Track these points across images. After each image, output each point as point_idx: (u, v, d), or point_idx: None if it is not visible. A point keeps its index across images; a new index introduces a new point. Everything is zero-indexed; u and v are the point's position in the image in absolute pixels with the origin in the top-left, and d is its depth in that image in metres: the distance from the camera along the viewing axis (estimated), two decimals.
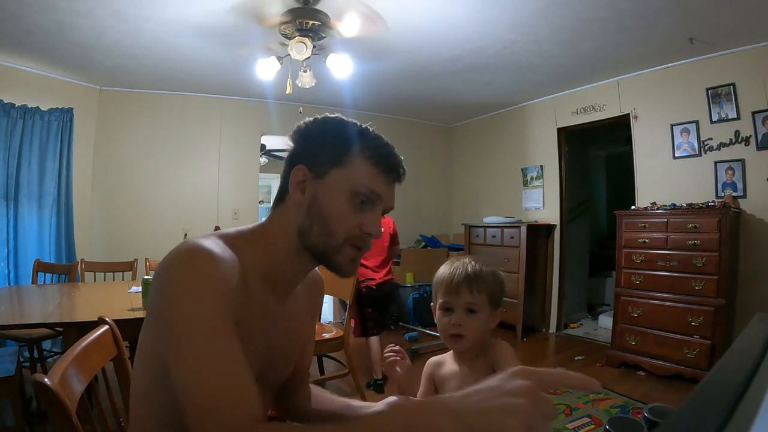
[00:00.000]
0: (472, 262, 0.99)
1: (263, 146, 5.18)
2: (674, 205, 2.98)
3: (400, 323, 4.37)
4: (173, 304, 0.58)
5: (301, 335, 0.86)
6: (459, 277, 0.96)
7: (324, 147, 0.71)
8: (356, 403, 0.89)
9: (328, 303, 4.59)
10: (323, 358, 2.64)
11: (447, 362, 1.04)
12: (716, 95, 3.04)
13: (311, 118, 0.75)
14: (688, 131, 3.21)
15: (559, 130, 4.19)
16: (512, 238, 4.06)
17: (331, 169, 0.70)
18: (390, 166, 0.72)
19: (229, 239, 0.70)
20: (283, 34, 2.53)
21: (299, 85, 2.76)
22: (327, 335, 2.40)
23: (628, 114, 3.57)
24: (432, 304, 1.03)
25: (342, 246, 0.70)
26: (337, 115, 0.75)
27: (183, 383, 0.55)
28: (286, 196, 0.73)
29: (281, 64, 2.71)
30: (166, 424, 0.66)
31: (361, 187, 0.69)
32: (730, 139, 2.98)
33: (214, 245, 0.64)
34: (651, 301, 2.90)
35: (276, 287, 0.74)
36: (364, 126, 0.73)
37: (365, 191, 0.70)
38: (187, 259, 0.61)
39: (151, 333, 0.66)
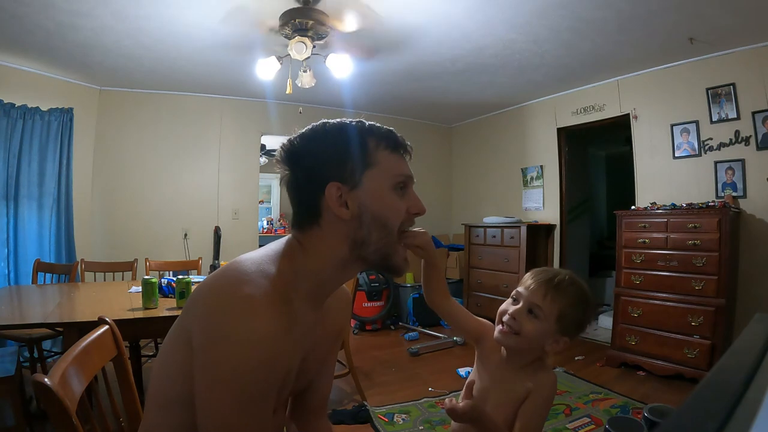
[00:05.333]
0: (568, 276, 0.94)
1: (263, 146, 5.18)
2: (674, 205, 2.98)
3: (400, 323, 4.37)
4: (220, 360, 0.58)
5: (323, 347, 0.83)
6: (542, 277, 0.93)
7: (346, 156, 0.69)
8: None
9: None
10: None
11: (501, 352, 0.99)
12: (716, 95, 3.04)
13: (297, 138, 0.72)
14: (688, 131, 3.21)
15: (559, 130, 4.18)
16: (512, 238, 4.06)
17: (363, 174, 0.69)
18: (402, 146, 0.74)
19: (277, 277, 0.66)
20: (282, 35, 2.53)
21: (299, 85, 2.76)
22: None
23: (628, 114, 3.57)
24: None
25: (397, 242, 0.72)
26: (322, 121, 0.73)
27: None
28: (320, 218, 0.70)
29: (281, 64, 2.71)
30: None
31: (397, 177, 0.71)
32: (730, 139, 2.98)
33: (265, 286, 0.63)
34: (651, 301, 2.90)
35: (315, 298, 0.73)
36: (359, 121, 0.73)
37: (401, 178, 0.72)
38: (243, 314, 0.59)
39: (182, 353, 0.65)
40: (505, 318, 0.93)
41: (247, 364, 0.57)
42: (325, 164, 0.69)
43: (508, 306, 0.95)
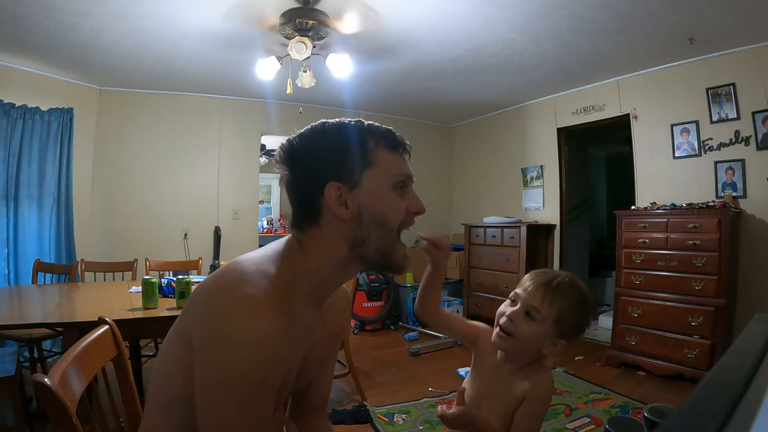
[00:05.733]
0: (567, 279, 0.93)
1: (263, 146, 5.18)
2: (674, 205, 2.98)
3: (400, 323, 4.37)
4: (220, 360, 0.58)
5: (323, 347, 0.83)
6: (541, 279, 0.92)
7: (346, 156, 0.69)
8: None
9: None
10: None
11: (497, 354, 0.97)
12: (716, 95, 3.04)
13: (296, 138, 0.72)
14: (688, 131, 3.21)
15: (559, 130, 4.18)
16: (512, 238, 4.06)
17: (362, 174, 0.69)
18: (401, 145, 0.74)
19: (277, 277, 0.66)
20: (282, 34, 2.53)
21: (299, 85, 2.76)
22: None
23: (628, 114, 3.57)
24: None
25: (397, 240, 0.72)
26: (321, 121, 0.73)
27: None
28: (319, 218, 0.70)
29: (281, 64, 2.71)
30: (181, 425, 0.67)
31: (396, 176, 0.71)
32: (730, 139, 2.98)
33: (265, 286, 0.63)
34: (651, 301, 2.90)
35: (315, 298, 0.73)
36: (358, 120, 0.73)
37: (401, 177, 0.72)
38: (243, 313, 0.59)
39: (182, 352, 0.64)
40: (502, 320, 0.92)
41: (247, 364, 0.57)
42: (324, 164, 0.69)
43: (506, 308, 0.94)
